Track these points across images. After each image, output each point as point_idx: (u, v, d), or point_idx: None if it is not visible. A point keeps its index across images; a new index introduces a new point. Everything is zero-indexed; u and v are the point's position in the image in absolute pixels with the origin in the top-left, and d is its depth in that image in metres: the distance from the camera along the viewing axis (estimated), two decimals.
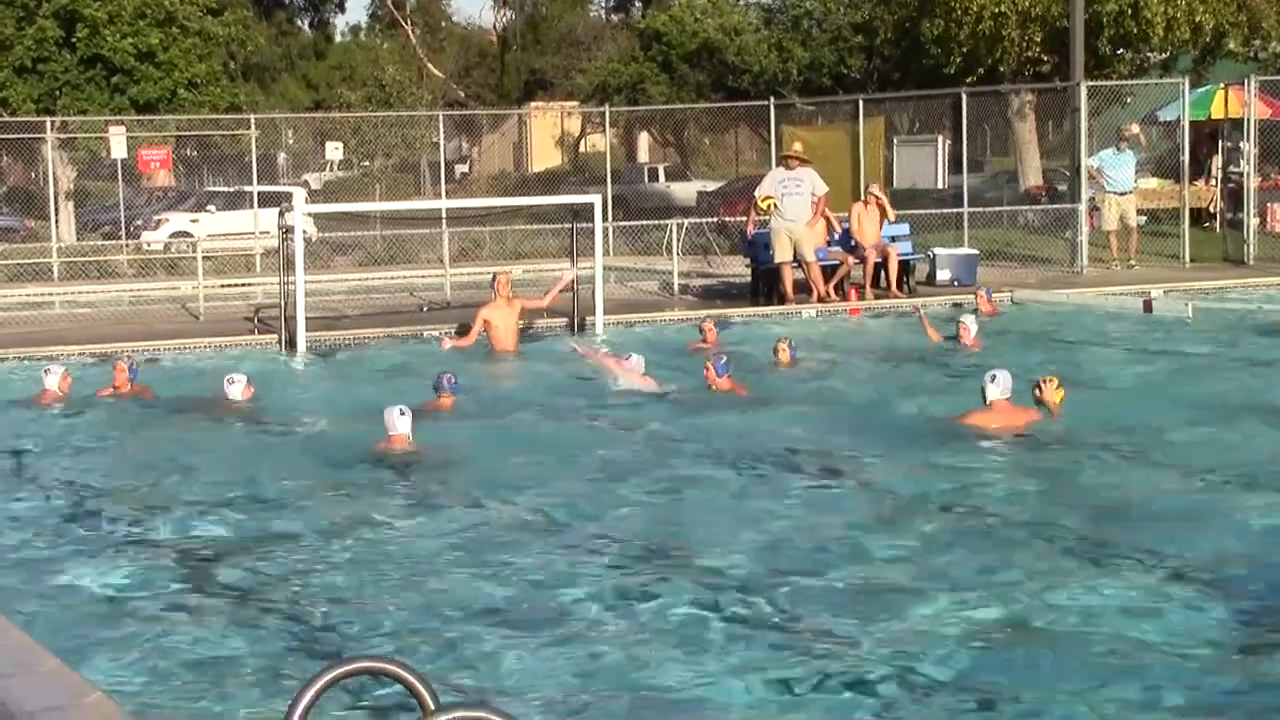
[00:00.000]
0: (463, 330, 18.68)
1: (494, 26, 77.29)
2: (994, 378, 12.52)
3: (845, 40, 45.07)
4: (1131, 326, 19.53)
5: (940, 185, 30.72)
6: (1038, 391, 12.72)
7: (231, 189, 37.79)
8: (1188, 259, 25.92)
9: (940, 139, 31.28)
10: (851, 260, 22.10)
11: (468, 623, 8.05)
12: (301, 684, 4.86)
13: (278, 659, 7.62)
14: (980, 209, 28.65)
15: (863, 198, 23.15)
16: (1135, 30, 31.66)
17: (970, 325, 17.20)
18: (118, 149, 31.72)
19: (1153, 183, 31.35)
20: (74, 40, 34.30)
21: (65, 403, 14.97)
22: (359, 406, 14.32)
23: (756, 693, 7.05)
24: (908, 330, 19.53)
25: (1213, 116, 31.81)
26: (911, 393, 14.81)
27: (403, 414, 12.35)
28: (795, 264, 21.59)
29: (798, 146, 22.77)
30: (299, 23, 73.53)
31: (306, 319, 18.59)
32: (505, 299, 18.24)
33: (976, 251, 24.82)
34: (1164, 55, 32.91)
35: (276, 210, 20.10)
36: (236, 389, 14.73)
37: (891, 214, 22.68)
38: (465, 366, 16.29)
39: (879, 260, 22.25)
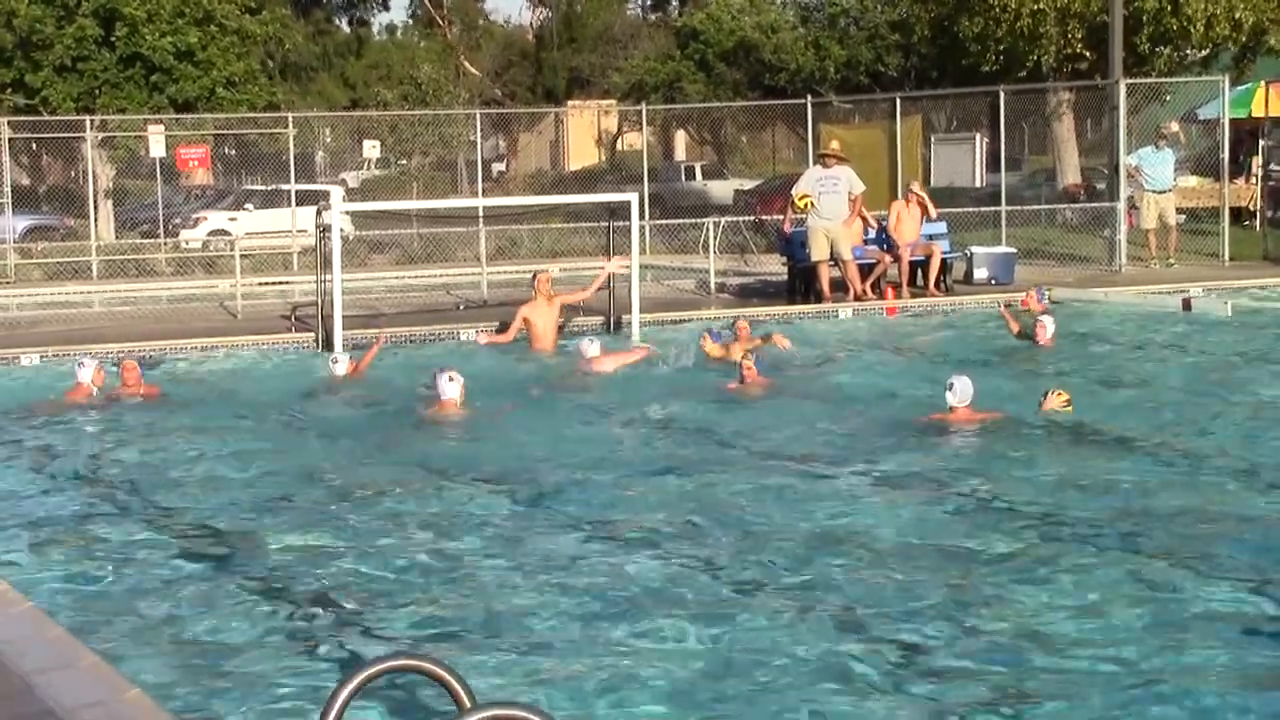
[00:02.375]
0: (503, 328, 18.70)
1: (531, 25, 77.41)
2: (951, 386, 12.60)
3: (882, 38, 44.99)
4: (1170, 325, 19.43)
5: (978, 184, 30.59)
6: (1043, 399, 12.74)
7: (269, 187, 37.87)
8: (1227, 257, 25.78)
9: (978, 137, 31.15)
10: (888, 259, 22.03)
11: (501, 618, 8.07)
12: (338, 681, 4.87)
13: (313, 654, 7.64)
14: (1018, 207, 28.53)
15: (903, 196, 23.04)
16: (1175, 27, 31.47)
17: (1048, 325, 17.12)
18: (156, 147, 31.83)
19: (1192, 181, 31.18)
20: (113, 39, 34.44)
21: (97, 398, 15.04)
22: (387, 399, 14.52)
23: (792, 690, 7.05)
24: (947, 328, 19.53)
25: (1253, 114, 31.61)
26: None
27: (452, 380, 13.31)
28: (832, 262, 21.54)
29: (834, 145, 22.75)
30: (336, 21, 73.72)
31: (344, 317, 18.63)
32: (546, 297, 18.24)
33: (1014, 250, 24.70)
34: (1204, 53, 32.68)
35: (314, 209, 20.16)
36: (340, 367, 15.99)
37: (933, 211, 22.58)
38: (501, 363, 16.40)
39: (917, 259, 22.15)
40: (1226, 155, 27.50)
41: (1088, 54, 31.88)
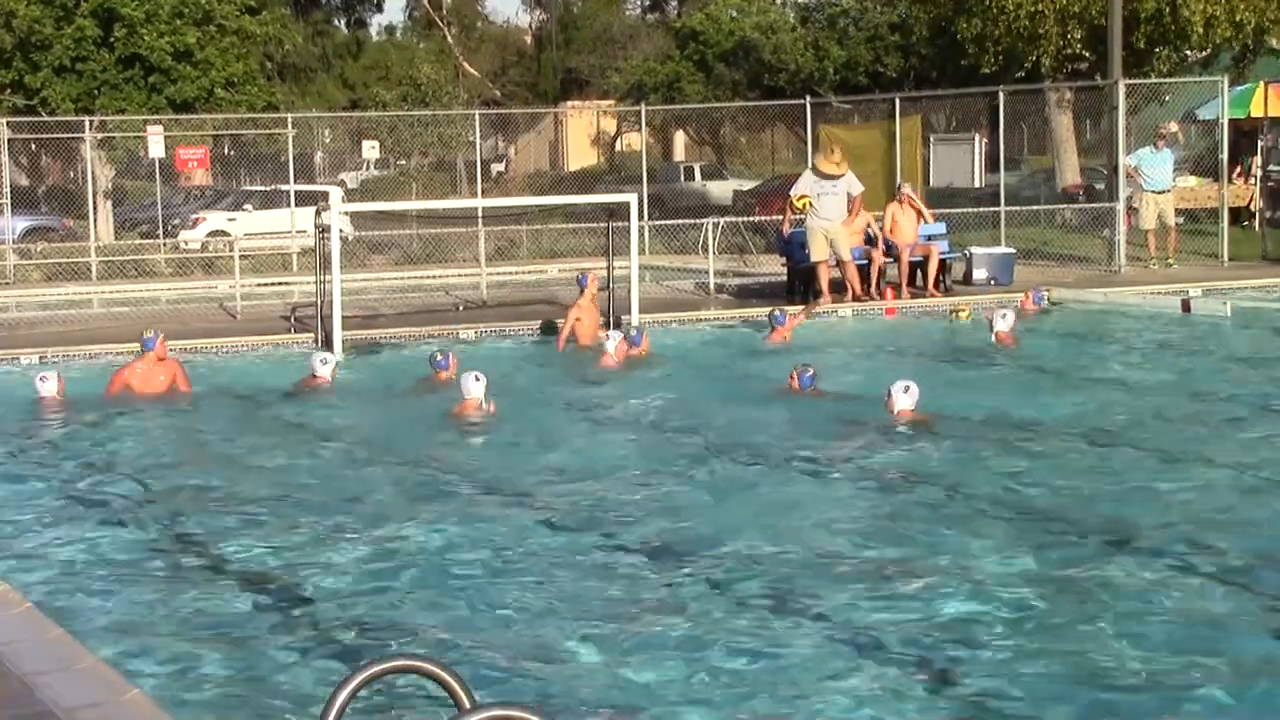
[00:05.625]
0: (550, 328, 18.97)
1: (530, 26, 77.46)
2: (889, 391, 12.96)
3: (881, 39, 45.03)
4: (1169, 326, 19.44)
5: (977, 184, 30.56)
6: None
7: (268, 188, 37.87)
8: (1226, 258, 25.77)
9: (977, 137, 31.12)
10: (880, 257, 21.90)
11: (503, 619, 8.07)
12: (338, 681, 4.87)
13: (313, 655, 7.64)
14: (1017, 208, 28.51)
15: (897, 197, 22.93)
16: (1174, 28, 31.46)
17: (1008, 317, 17.21)
18: (155, 148, 31.82)
19: (1191, 181, 31.17)
20: (112, 40, 34.43)
21: (63, 405, 14.95)
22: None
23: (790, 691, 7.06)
24: (941, 329, 19.58)
25: (1252, 114, 31.61)
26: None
27: (478, 379, 13.44)
28: (832, 263, 21.51)
29: (837, 154, 22.42)
30: (336, 22, 73.77)
31: (343, 318, 18.63)
32: (591, 298, 18.43)
33: (1013, 250, 24.69)
34: (1204, 53, 32.67)
35: (313, 209, 20.12)
36: (326, 368, 15.58)
37: (928, 216, 22.50)
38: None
39: (915, 260, 22.11)
40: (1226, 155, 27.49)
41: (1087, 55, 31.88)
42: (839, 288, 21.61)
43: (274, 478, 11.87)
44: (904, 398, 12.86)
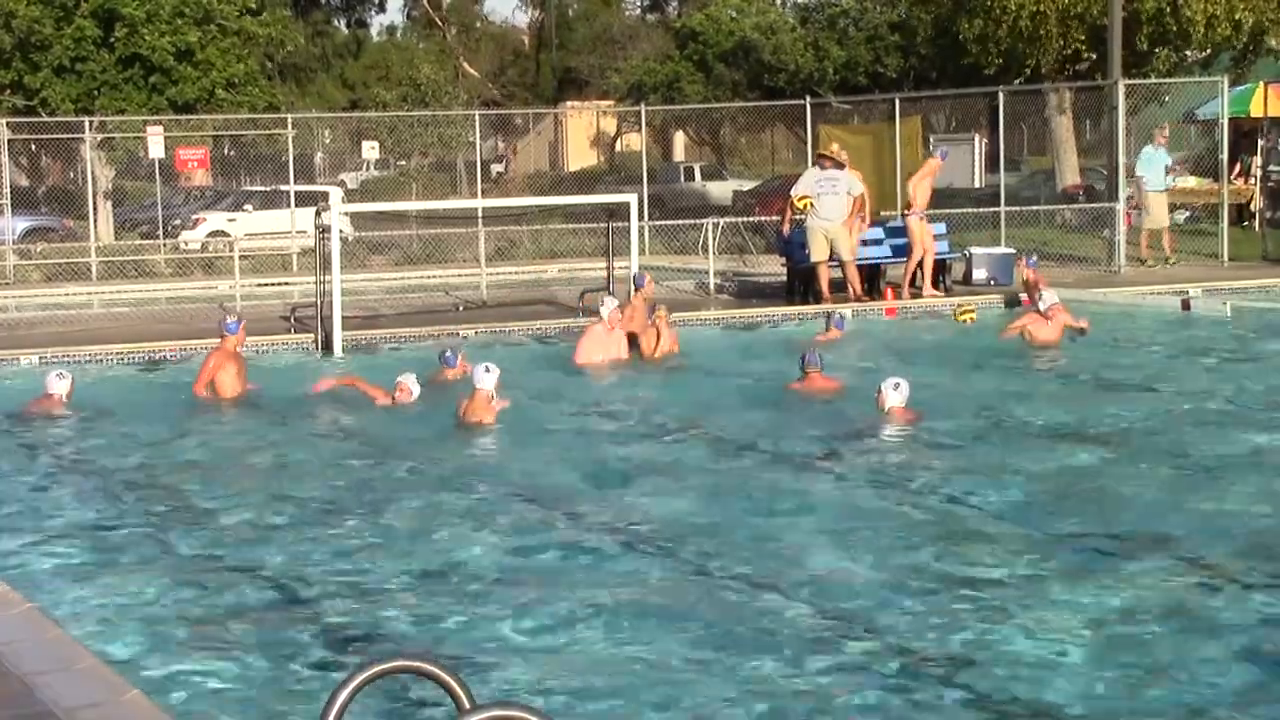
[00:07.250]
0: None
1: (530, 26, 77.45)
2: (880, 390, 13.07)
3: (881, 39, 45.02)
4: (1169, 326, 19.44)
5: (977, 184, 30.55)
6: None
7: (268, 188, 37.89)
8: (1226, 258, 25.78)
9: (977, 138, 31.11)
10: (927, 250, 21.87)
11: (502, 618, 8.07)
12: (337, 683, 4.87)
13: (313, 656, 7.64)
14: (1017, 208, 28.51)
15: (940, 157, 22.98)
16: (1175, 28, 31.46)
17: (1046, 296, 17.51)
18: (155, 149, 31.82)
19: (1190, 181, 31.18)
20: (112, 40, 34.43)
21: (69, 408, 14.88)
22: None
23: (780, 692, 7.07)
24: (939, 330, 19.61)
25: (1252, 114, 31.61)
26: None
27: (488, 371, 13.51)
28: (833, 263, 21.50)
29: (834, 147, 22.49)
30: (336, 22, 73.81)
31: (343, 318, 18.63)
32: (643, 297, 18.49)
33: (1013, 250, 24.65)
34: (1204, 54, 32.68)
35: (313, 210, 20.10)
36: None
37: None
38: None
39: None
40: (1226, 155, 27.50)
41: (1090, 56, 31.86)
42: (839, 288, 21.61)
43: (275, 476, 11.88)
44: (894, 395, 13.01)
